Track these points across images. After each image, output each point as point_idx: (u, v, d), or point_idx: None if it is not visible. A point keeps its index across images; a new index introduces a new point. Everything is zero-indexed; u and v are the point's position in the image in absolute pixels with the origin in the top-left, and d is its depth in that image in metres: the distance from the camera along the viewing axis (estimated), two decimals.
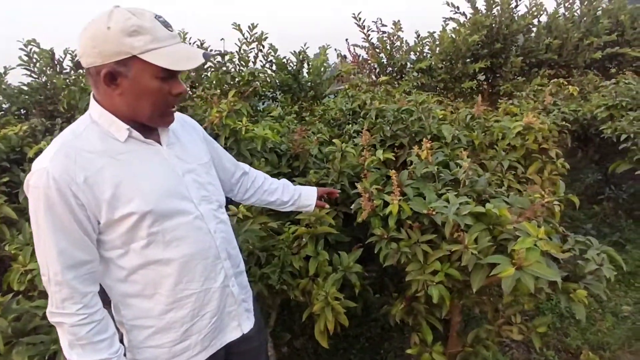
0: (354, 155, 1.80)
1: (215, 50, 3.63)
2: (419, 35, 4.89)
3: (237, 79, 2.40)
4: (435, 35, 4.81)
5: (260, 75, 2.52)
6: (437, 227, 1.43)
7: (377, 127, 2.22)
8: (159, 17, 0.87)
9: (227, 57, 3.72)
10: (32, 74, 3.51)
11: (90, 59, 0.84)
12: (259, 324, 1.23)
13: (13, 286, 1.43)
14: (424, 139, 1.61)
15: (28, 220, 1.79)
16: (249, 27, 3.80)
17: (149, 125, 0.94)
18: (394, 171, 1.64)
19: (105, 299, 0.97)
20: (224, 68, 3.45)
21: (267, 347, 1.41)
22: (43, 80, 3.52)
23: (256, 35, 3.81)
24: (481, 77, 4.99)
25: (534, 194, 1.49)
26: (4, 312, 1.19)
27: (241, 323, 1.11)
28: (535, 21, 4.78)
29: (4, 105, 3.57)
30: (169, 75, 0.88)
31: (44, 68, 3.54)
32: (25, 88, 3.45)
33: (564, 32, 4.66)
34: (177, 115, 1.11)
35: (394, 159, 1.82)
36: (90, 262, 0.88)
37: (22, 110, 3.63)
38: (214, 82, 2.50)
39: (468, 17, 4.80)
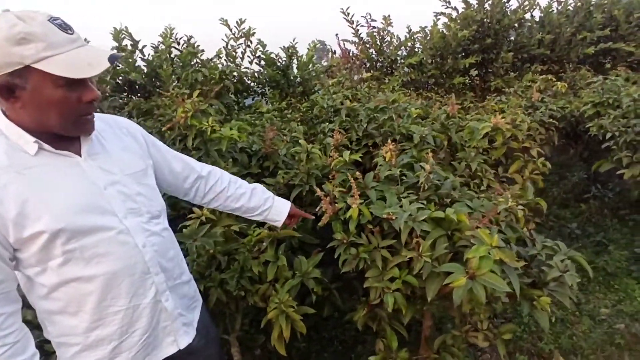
0: (319, 156, 1.76)
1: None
2: (411, 30, 4.83)
3: (209, 78, 2.35)
4: (427, 30, 4.75)
5: (234, 73, 2.46)
6: (398, 232, 1.39)
7: (352, 126, 2.19)
8: (55, 19, 0.80)
9: (214, 54, 3.68)
10: None
11: None
12: (207, 336, 1.19)
13: None
14: (389, 140, 1.57)
15: None
16: (236, 22, 3.75)
17: (64, 134, 0.88)
18: (358, 173, 1.61)
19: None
20: (211, 63, 3.42)
21: (219, 356, 1.37)
22: None
23: (244, 30, 3.76)
24: (474, 72, 4.93)
25: (498, 198, 1.44)
26: None
27: (177, 338, 1.05)
28: (527, 16, 4.69)
29: None
30: (75, 81, 0.81)
31: None
32: None
33: (557, 26, 4.58)
34: (109, 118, 1.05)
35: (360, 160, 1.77)
36: (2, 282, 0.83)
37: None
38: (184, 80, 2.46)
39: (460, 12, 4.72)
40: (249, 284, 1.49)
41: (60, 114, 0.83)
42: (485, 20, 4.60)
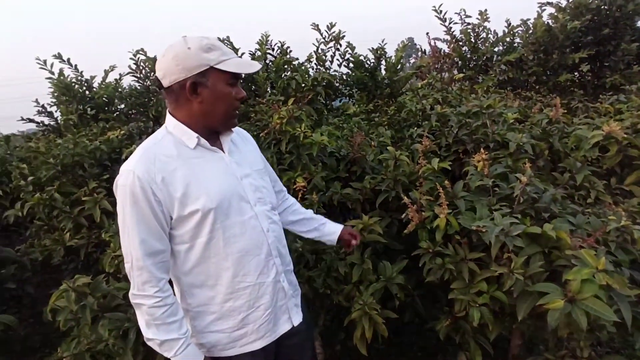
0: (407, 163, 1.76)
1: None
2: (510, 24, 4.47)
3: (302, 85, 2.48)
4: (529, 23, 4.36)
5: (325, 78, 2.56)
6: (488, 245, 1.34)
7: (441, 131, 2.14)
8: (217, 38, 1.06)
9: (304, 57, 3.86)
10: (139, 80, 4.05)
11: (174, 75, 1.01)
12: (307, 321, 1.32)
13: (105, 268, 1.72)
14: (482, 148, 1.51)
15: None
16: (327, 26, 3.87)
17: (218, 129, 1.10)
18: (447, 182, 1.58)
19: None
20: (302, 68, 3.59)
21: (314, 344, 1.47)
22: (147, 84, 4.04)
23: (334, 34, 3.87)
24: (585, 67, 4.38)
25: (608, 215, 1.31)
26: (93, 290, 1.45)
27: (291, 316, 1.20)
28: None
29: (119, 107, 4.17)
30: (235, 82, 1.06)
31: (148, 74, 4.06)
32: (136, 92, 3.99)
33: None
34: (235, 128, 1.24)
35: (449, 167, 1.73)
36: (164, 252, 1.02)
37: (132, 111, 4.19)
38: (278, 87, 2.62)
39: (570, 0, 4.24)
40: (334, 284, 1.57)
41: (226, 107, 1.06)
42: (602, 7, 4.07)
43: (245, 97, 1.11)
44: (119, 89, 4.04)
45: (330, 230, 1.41)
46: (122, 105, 4.07)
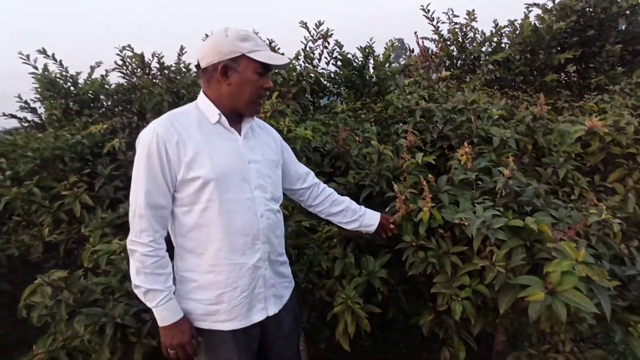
0: (391, 158, 1.76)
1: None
2: (497, 24, 4.51)
3: (288, 81, 2.46)
4: (517, 23, 4.40)
5: (311, 75, 2.54)
6: (470, 239, 1.33)
7: (426, 127, 2.13)
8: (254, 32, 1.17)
9: (292, 56, 3.83)
10: (125, 76, 3.98)
11: (210, 58, 1.12)
12: (295, 316, 1.34)
13: (84, 263, 1.67)
14: (464, 143, 1.51)
15: (102, 207, 2.05)
16: (315, 24, 3.86)
17: (241, 112, 1.18)
18: (431, 176, 1.57)
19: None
20: (290, 65, 3.57)
21: (299, 339, 1.46)
22: (133, 80, 3.97)
23: (322, 32, 3.85)
24: (571, 68, 4.43)
25: (590, 209, 1.31)
26: (69, 285, 1.41)
27: (267, 306, 1.21)
28: None
29: (105, 103, 4.09)
30: (263, 72, 1.15)
31: (135, 70, 3.99)
32: (122, 88, 3.91)
33: None
34: (259, 121, 1.34)
35: (434, 162, 1.72)
36: (165, 208, 1.10)
37: (118, 107, 4.12)
38: None
39: (556, 2, 4.29)
40: (316, 278, 1.55)
41: (251, 92, 1.15)
42: (587, 9, 4.13)
43: (271, 87, 1.20)
44: (106, 86, 3.97)
45: (368, 222, 1.46)
46: (109, 102, 4.00)
